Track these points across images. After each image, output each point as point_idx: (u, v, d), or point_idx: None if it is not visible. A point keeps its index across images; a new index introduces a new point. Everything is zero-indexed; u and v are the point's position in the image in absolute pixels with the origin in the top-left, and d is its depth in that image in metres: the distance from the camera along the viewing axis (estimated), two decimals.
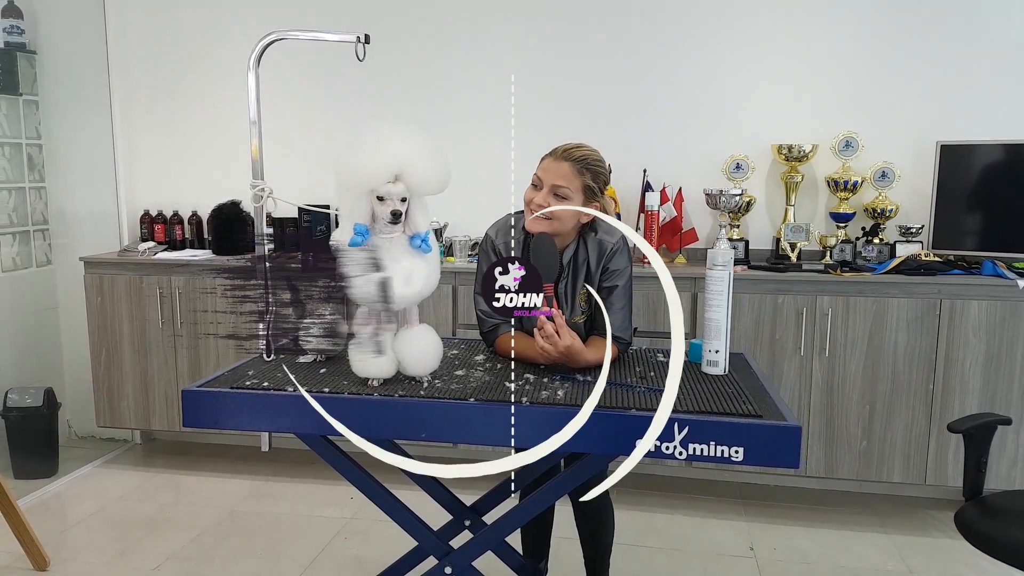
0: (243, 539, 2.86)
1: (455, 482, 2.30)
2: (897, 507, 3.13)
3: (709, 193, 3.15)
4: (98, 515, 3.06)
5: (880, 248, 3.12)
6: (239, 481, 3.36)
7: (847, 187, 3.14)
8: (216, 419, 1.67)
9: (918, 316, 2.87)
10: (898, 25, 3.14)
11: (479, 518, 2.07)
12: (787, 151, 3.17)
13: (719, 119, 3.31)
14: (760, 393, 1.70)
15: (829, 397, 2.98)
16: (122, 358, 3.45)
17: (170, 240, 3.65)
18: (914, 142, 3.16)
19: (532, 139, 3.47)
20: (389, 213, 1.64)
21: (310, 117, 3.61)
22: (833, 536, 2.90)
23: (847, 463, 3.00)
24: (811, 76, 3.23)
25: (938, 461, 2.92)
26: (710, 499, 3.20)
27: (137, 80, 3.72)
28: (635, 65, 3.35)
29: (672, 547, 2.82)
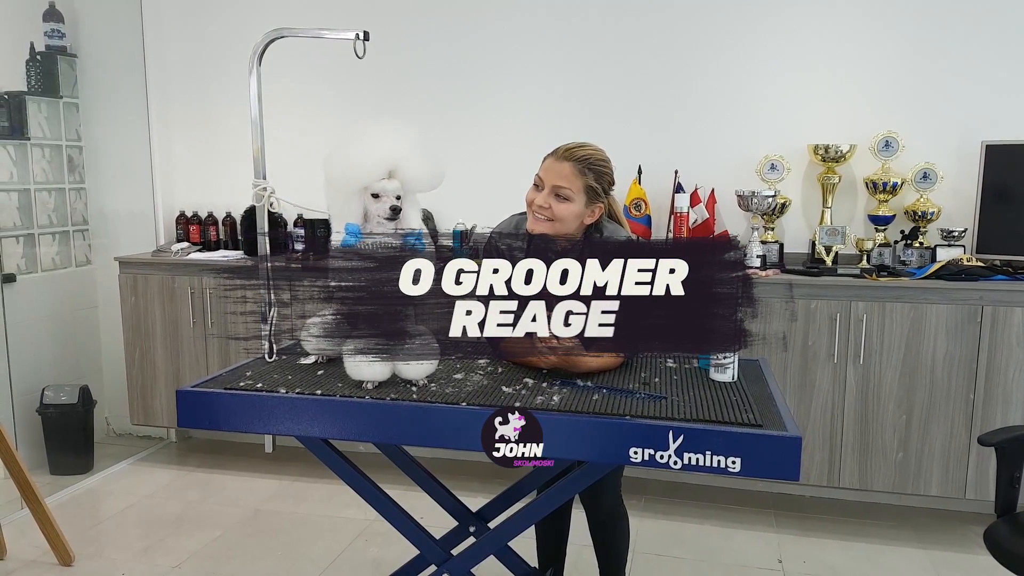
0: (265, 539, 2.89)
1: (469, 489, 2.30)
2: (935, 521, 2.98)
3: (741, 195, 3.07)
4: (127, 512, 3.13)
5: (921, 252, 2.98)
6: (267, 480, 3.40)
7: (887, 189, 3.01)
8: (210, 420, 1.68)
9: (959, 323, 2.73)
10: (940, 20, 3.00)
11: (484, 524, 2.04)
12: (824, 151, 3.05)
13: (753, 118, 3.21)
14: (766, 402, 1.62)
15: (864, 406, 2.85)
16: (155, 357, 3.53)
17: (205, 241, 3.72)
18: (958, 142, 3.01)
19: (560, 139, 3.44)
20: (388, 209, 1.62)
21: (326, 114, 3.62)
22: (867, 550, 2.79)
23: (883, 475, 2.87)
24: (849, 74, 3.10)
25: (979, 475, 2.78)
26: (742, 509, 3.10)
27: (173, 82, 3.81)
28: (666, 63, 3.27)
29: (698, 558, 2.75)
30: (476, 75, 3.46)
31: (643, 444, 1.45)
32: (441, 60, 3.49)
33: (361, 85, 3.55)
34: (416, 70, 3.51)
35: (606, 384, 1.70)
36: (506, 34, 3.41)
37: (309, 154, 3.37)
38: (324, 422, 1.60)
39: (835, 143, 3.03)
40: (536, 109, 3.40)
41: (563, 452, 1.50)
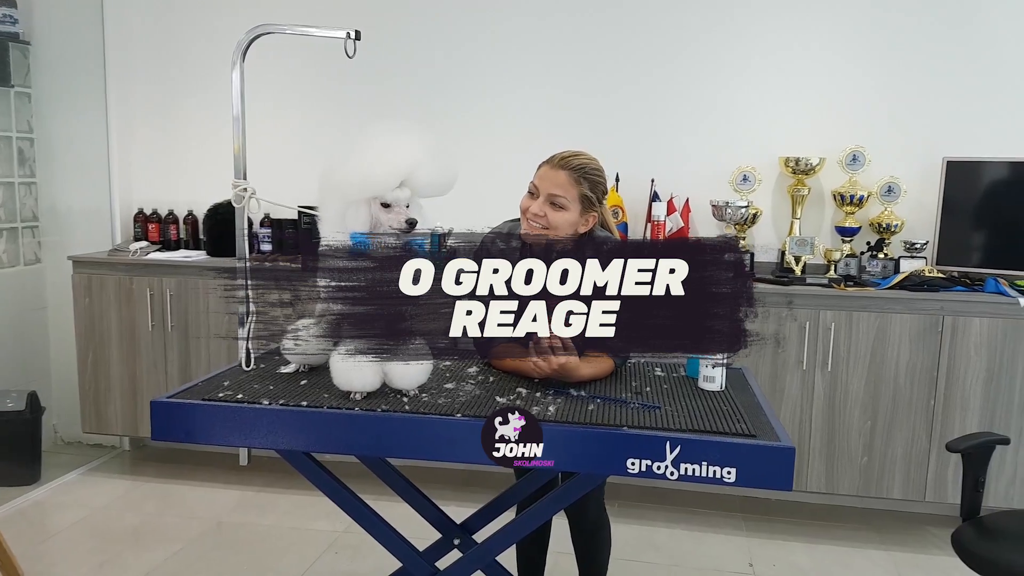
0: (228, 553, 2.79)
1: (458, 500, 2.27)
2: (896, 523, 3.07)
3: (716, 204, 3.11)
4: (80, 525, 2.99)
5: (885, 263, 3.06)
6: (229, 491, 3.29)
7: (853, 201, 3.09)
8: (187, 432, 1.60)
9: (920, 332, 2.81)
10: (906, 41, 3.10)
11: (470, 536, 2.00)
12: (794, 164, 3.11)
13: (727, 130, 3.27)
14: (755, 411, 1.64)
15: (831, 412, 2.92)
16: (110, 361, 3.39)
17: (164, 240, 3.59)
18: (920, 158, 3.10)
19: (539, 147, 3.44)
20: (403, 223, 1.58)
21: (308, 115, 3.56)
22: (833, 552, 2.85)
23: (848, 479, 2.93)
24: (820, 90, 3.18)
25: (938, 478, 2.86)
26: (710, 513, 3.13)
27: (135, 74, 3.66)
28: (644, 74, 3.30)
29: (671, 562, 2.76)
30: (460, 82, 3.44)
31: (640, 455, 1.45)
32: (424, 65, 3.46)
33: (335, 83, 3.50)
34: (396, 72, 3.46)
35: (600, 394, 1.69)
36: (491, 42, 3.40)
37: (283, 151, 3.32)
38: (312, 435, 1.55)
39: (805, 156, 3.09)
40: (520, 117, 3.40)
41: (561, 463, 1.48)
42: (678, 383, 1.81)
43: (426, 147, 1.60)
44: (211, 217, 3.43)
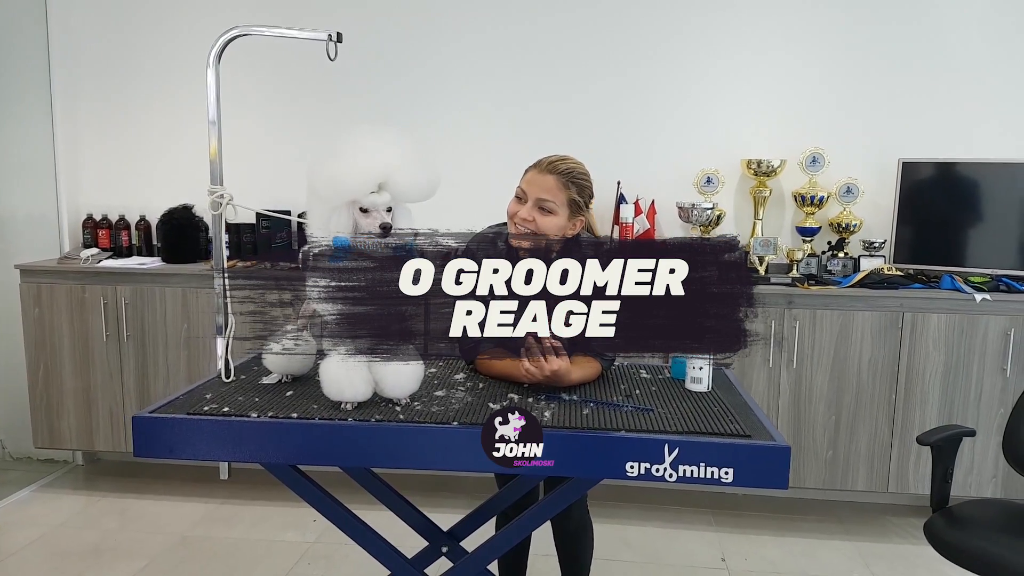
0: (196, 567, 2.70)
1: (431, 505, 2.24)
2: (860, 514, 3.16)
3: (682, 206, 3.15)
4: (36, 544, 2.86)
5: (845, 262, 3.15)
6: (192, 504, 3.19)
7: (813, 202, 3.17)
8: (171, 448, 1.54)
9: (882, 329, 2.90)
10: (863, 45, 3.19)
11: (457, 544, 1.99)
12: (756, 166, 3.17)
13: (691, 133, 3.32)
14: (745, 411, 1.66)
15: (796, 408, 2.99)
16: (62, 374, 3.25)
17: (116, 247, 3.45)
18: (877, 159, 3.20)
19: (506, 148, 3.42)
20: (379, 228, 1.55)
21: (272, 117, 3.48)
22: (800, 544, 2.92)
23: (814, 472, 3.01)
24: (781, 93, 3.26)
25: (900, 470, 2.96)
26: (682, 509, 3.18)
27: (82, 75, 3.52)
28: (611, 79, 3.33)
29: (646, 560, 2.79)
30: (429, 87, 3.41)
31: (639, 458, 1.46)
32: (396, 71, 3.42)
33: (308, 84, 3.43)
34: (367, 77, 3.42)
35: (591, 397, 1.69)
36: (462, 49, 3.38)
37: (249, 155, 3.23)
38: (305, 448, 1.51)
39: (767, 158, 3.16)
40: (486, 122, 3.39)
41: (559, 468, 1.47)
42: (665, 385, 1.83)
43: (403, 151, 1.57)
44: (166, 223, 3.31)
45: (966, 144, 3.14)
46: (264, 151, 3.40)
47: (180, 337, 3.17)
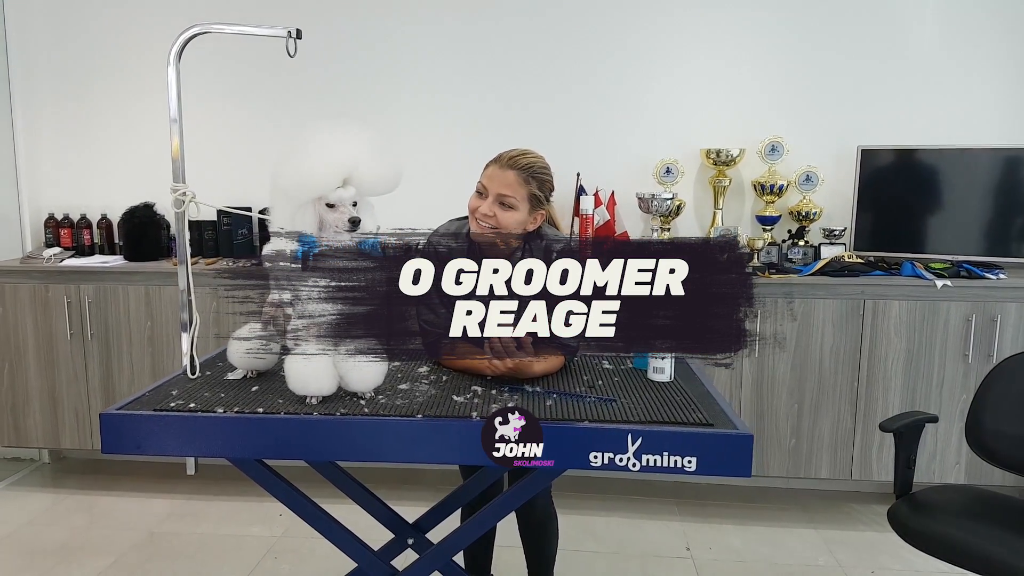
0: (164, 563, 2.70)
1: (395, 498, 2.25)
2: (824, 502, 3.22)
3: (642, 197, 3.18)
4: (4, 542, 2.83)
5: (805, 250, 3.20)
6: (159, 500, 3.17)
7: (773, 191, 3.21)
8: (139, 444, 1.54)
9: (843, 316, 2.95)
10: (822, 33, 3.23)
11: (423, 536, 2.00)
12: (715, 155, 3.21)
13: (650, 123, 3.34)
14: (708, 400, 1.69)
15: (759, 397, 3.04)
16: (27, 372, 3.21)
17: (78, 245, 3.41)
18: (836, 147, 3.25)
19: (466, 141, 3.42)
20: (347, 222, 1.55)
21: (231, 114, 3.45)
22: (765, 533, 2.96)
23: (777, 461, 3.06)
24: (738, 82, 3.29)
25: (863, 456, 3.02)
26: (646, 499, 3.22)
27: (40, 75, 3.46)
28: (567, 68, 3.33)
29: (610, 550, 2.82)
30: (392, 81, 3.40)
31: (603, 448, 1.48)
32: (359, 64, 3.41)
33: (267, 80, 3.41)
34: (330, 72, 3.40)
35: (555, 389, 1.71)
36: (418, 43, 3.37)
37: (206, 152, 3.20)
38: (271, 442, 1.51)
39: (726, 147, 3.20)
40: (442, 116, 3.39)
41: (537, 459, 1.49)
42: (627, 375, 1.85)
43: (366, 144, 1.57)
44: (127, 220, 3.28)
45: (925, 131, 3.18)
46: (225, 148, 3.37)
47: (144, 335, 3.14)
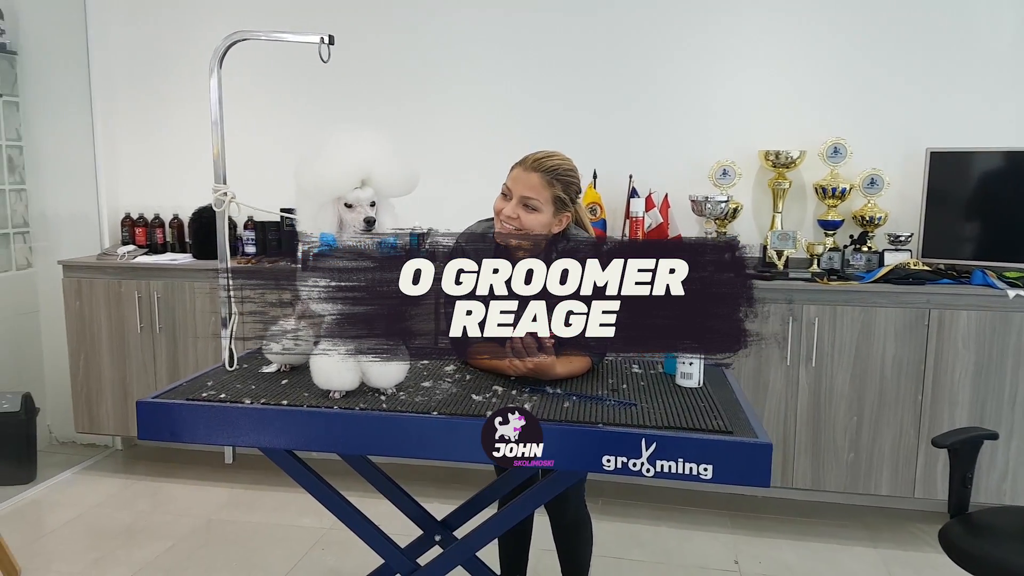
0: (217, 549, 2.81)
1: (426, 495, 2.28)
2: (885, 520, 3.07)
3: (695, 199, 3.12)
4: (74, 523, 3.02)
5: (869, 256, 3.07)
6: (219, 489, 3.31)
7: (835, 194, 3.10)
8: (172, 432, 1.62)
9: (907, 326, 2.82)
10: (888, 31, 3.09)
11: (450, 533, 2.02)
12: (774, 157, 3.12)
13: (706, 124, 3.27)
14: (733, 407, 1.65)
15: (816, 408, 2.93)
16: (101, 363, 3.41)
17: (151, 244, 3.61)
18: (903, 149, 3.10)
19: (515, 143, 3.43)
20: (362, 221, 1.60)
21: (287, 118, 3.57)
22: (820, 549, 2.85)
23: (834, 475, 2.94)
24: (799, 81, 3.18)
25: (927, 474, 2.87)
26: (696, 510, 3.14)
27: (118, 80, 3.68)
28: (621, 69, 3.30)
29: (655, 560, 2.77)
30: (435, 82, 3.44)
31: (616, 452, 1.46)
32: (400, 61, 3.46)
33: (317, 85, 3.50)
34: (375, 71, 3.48)
35: (576, 391, 1.70)
36: (463, 41, 3.40)
37: (263, 155, 3.33)
38: (291, 434, 1.57)
39: (785, 149, 3.10)
40: (496, 114, 3.40)
41: (536, 460, 1.49)
42: (655, 380, 1.82)
43: (382, 146, 1.61)
44: (195, 220, 3.44)
45: (997, 132, 3.01)
46: (285, 150, 3.48)
47: (209, 329, 3.29)
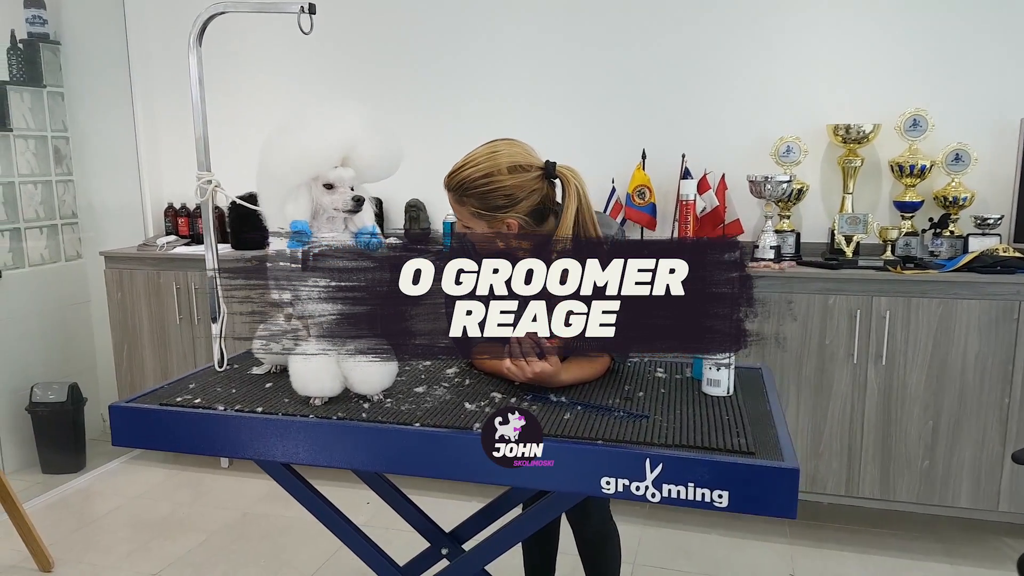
0: (249, 544, 2.77)
1: (433, 506, 2.15)
2: (965, 534, 2.76)
3: (753, 180, 2.84)
4: (116, 513, 3.04)
5: (951, 242, 2.74)
6: (257, 481, 3.28)
7: (914, 172, 2.77)
8: (146, 438, 1.54)
9: (992, 321, 2.49)
10: None
11: (458, 546, 1.88)
12: (844, 132, 2.81)
13: (767, 98, 2.97)
14: (763, 421, 1.43)
15: (886, 411, 2.63)
16: (143, 354, 3.42)
17: (193, 234, 3.59)
18: (994, 120, 2.74)
19: (560, 120, 3.21)
20: (351, 200, 1.45)
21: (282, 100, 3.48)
22: (887, 564, 2.59)
23: (906, 484, 2.65)
24: (872, 47, 2.84)
25: (1014, 485, 2.54)
26: (752, 518, 2.89)
27: (156, 69, 3.66)
28: (671, 39, 3.03)
29: (703, 571, 2.57)
30: (449, 57, 3.27)
31: (616, 473, 1.28)
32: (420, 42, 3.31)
33: (309, 64, 3.41)
34: (367, 43, 3.33)
35: (583, 399, 1.51)
36: (488, 9, 3.20)
37: None
38: (263, 443, 1.45)
39: (857, 123, 2.78)
40: (536, 87, 3.19)
41: (525, 480, 1.32)
42: (679, 386, 1.62)
43: (366, 122, 1.45)
44: (233, 210, 3.39)
45: None
46: None
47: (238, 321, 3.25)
